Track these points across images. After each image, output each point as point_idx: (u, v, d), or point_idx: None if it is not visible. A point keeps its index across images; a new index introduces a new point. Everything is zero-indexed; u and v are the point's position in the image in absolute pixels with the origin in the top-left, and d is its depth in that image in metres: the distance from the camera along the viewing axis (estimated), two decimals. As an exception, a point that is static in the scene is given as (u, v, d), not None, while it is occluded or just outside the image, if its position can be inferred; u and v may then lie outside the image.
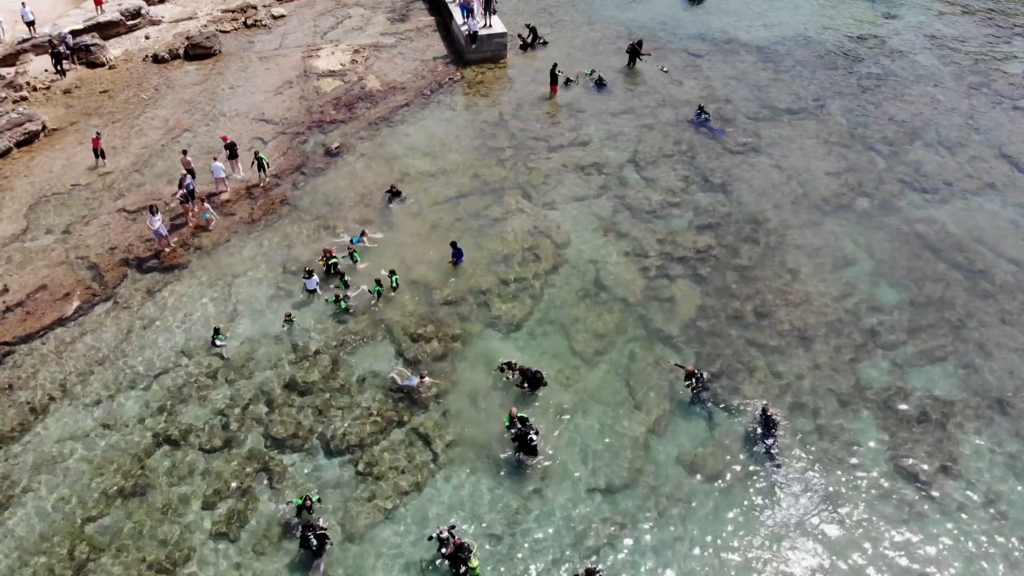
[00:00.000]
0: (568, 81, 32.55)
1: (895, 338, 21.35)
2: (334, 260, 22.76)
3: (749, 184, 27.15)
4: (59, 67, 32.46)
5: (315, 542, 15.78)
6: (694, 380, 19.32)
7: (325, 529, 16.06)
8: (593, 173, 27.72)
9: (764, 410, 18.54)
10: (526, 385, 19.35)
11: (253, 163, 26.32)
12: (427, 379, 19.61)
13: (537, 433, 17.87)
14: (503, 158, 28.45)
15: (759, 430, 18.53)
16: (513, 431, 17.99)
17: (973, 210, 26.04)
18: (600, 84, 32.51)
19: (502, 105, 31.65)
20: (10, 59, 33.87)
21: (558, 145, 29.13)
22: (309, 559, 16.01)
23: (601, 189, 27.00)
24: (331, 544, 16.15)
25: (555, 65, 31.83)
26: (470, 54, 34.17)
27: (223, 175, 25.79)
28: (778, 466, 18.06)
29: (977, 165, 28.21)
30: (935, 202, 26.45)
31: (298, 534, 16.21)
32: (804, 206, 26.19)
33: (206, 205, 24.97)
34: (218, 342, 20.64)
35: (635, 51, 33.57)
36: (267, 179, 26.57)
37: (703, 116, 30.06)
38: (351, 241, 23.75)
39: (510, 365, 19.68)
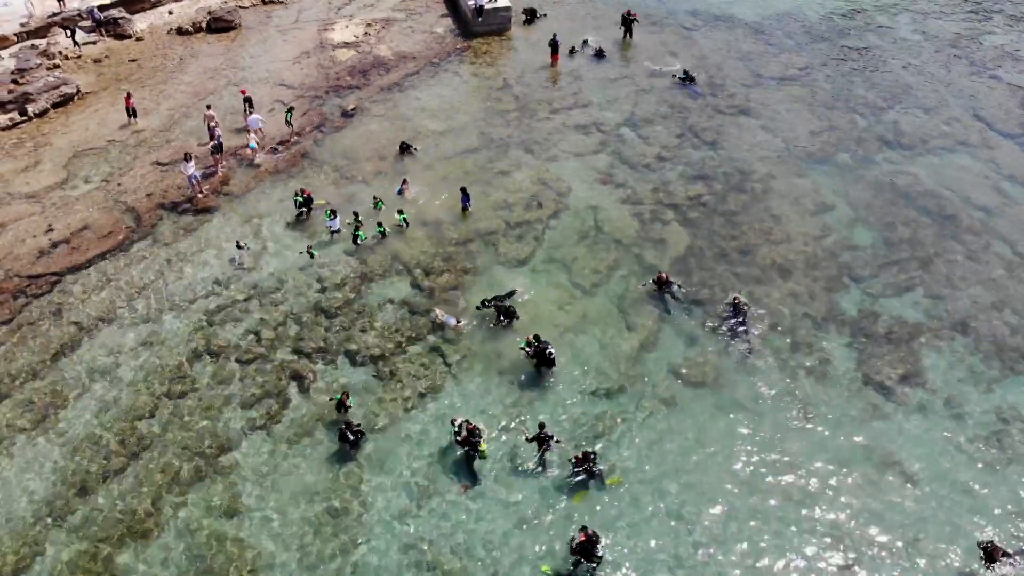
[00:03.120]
0: (572, 51, 34.59)
1: (868, 272, 23.31)
2: (299, 199, 24.69)
3: (738, 141, 29.13)
4: (74, 39, 34.38)
5: (352, 436, 17.74)
6: (664, 285, 21.82)
7: (359, 426, 18.02)
8: (592, 132, 29.73)
9: (734, 300, 21.34)
10: (503, 319, 21.15)
11: (287, 118, 28.57)
12: (462, 324, 21.23)
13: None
14: (508, 119, 30.46)
15: (732, 320, 21.03)
16: (530, 350, 19.85)
17: (946, 164, 28.00)
18: (599, 54, 34.52)
19: (507, 73, 33.66)
20: (42, 31, 35.89)
21: (559, 107, 31.14)
22: (345, 450, 18.00)
23: (600, 146, 29.00)
24: (365, 439, 18.11)
25: (555, 35, 33.83)
26: (476, 27, 36.16)
27: (260, 125, 27.90)
28: (756, 373, 20.03)
29: (952, 125, 30.16)
30: (911, 157, 28.40)
31: (333, 429, 18.20)
32: (788, 160, 28.17)
33: (252, 135, 27.18)
34: (240, 252, 23.01)
35: (628, 20, 35.55)
36: (292, 133, 28.58)
37: (686, 79, 32.08)
38: (397, 192, 25.74)
39: (486, 303, 21.43)
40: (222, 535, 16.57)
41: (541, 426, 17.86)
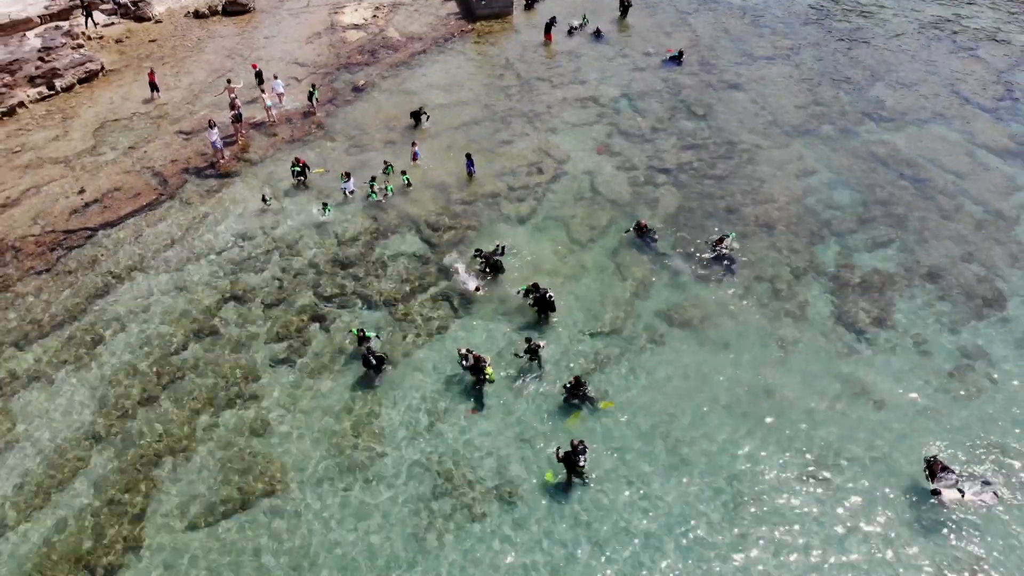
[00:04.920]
0: (571, 31, 36.34)
1: (846, 228, 24.98)
2: (296, 168, 26.35)
3: (727, 114, 30.82)
4: (92, 21, 36.05)
5: (374, 361, 19.43)
6: (644, 232, 23.81)
7: (382, 353, 19.72)
8: (590, 105, 31.43)
9: (721, 239, 23.45)
10: (488, 270, 22.70)
11: (311, 94, 30.29)
12: (483, 290, 22.51)
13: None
14: (510, 94, 32.18)
15: (718, 268, 22.99)
16: (532, 296, 21.48)
17: (923, 134, 29.68)
18: (597, 35, 36.26)
19: (508, 52, 35.38)
20: (64, 14, 37.56)
21: (559, 83, 32.86)
22: (369, 374, 19.72)
23: (597, 118, 30.70)
24: (388, 364, 19.78)
25: (552, 17, 35.69)
26: (480, 10, 37.87)
27: (281, 90, 29.72)
28: (739, 316, 21.70)
29: (931, 100, 31.86)
30: (890, 128, 30.08)
31: (352, 361, 19.93)
32: (774, 131, 29.86)
33: (266, 97, 29.45)
34: (265, 204, 25.11)
35: (624, 3, 37.26)
36: (316, 108, 30.35)
37: (677, 56, 33.92)
38: (412, 158, 27.45)
39: (478, 252, 22.96)
40: (251, 450, 18.25)
41: (528, 340, 19.78)
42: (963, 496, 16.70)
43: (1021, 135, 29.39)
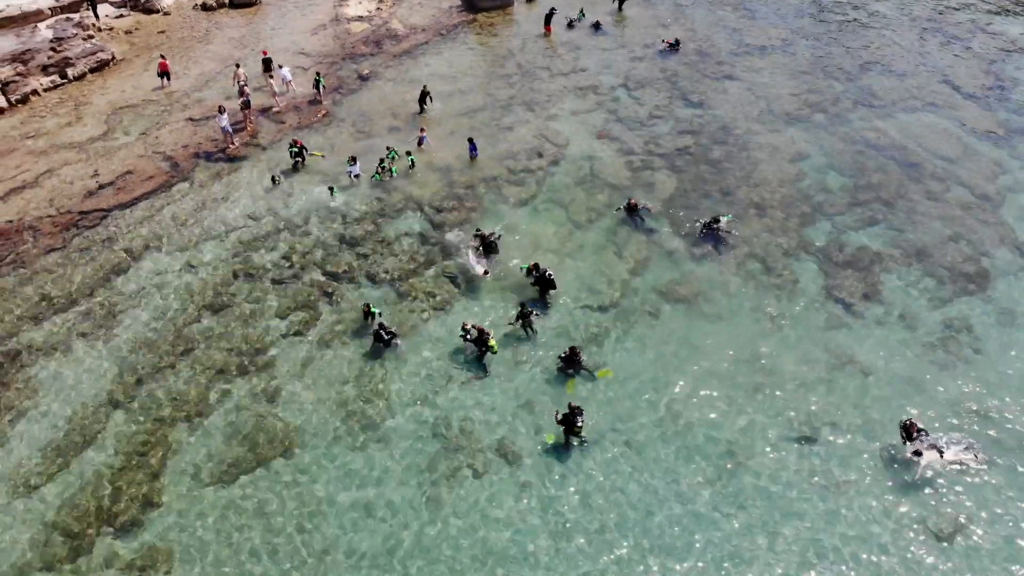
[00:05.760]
0: (571, 24, 37.16)
1: (836, 209, 25.78)
2: (294, 149, 27.13)
3: (723, 102, 31.63)
4: (95, 13, 36.82)
5: (386, 336, 20.22)
6: (634, 210, 24.67)
7: (392, 329, 20.50)
8: (589, 93, 32.24)
9: (717, 217, 24.30)
10: (480, 249, 23.39)
11: (317, 82, 31.01)
12: (489, 275, 23.08)
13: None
14: (511, 82, 32.99)
15: (712, 246, 23.88)
16: (534, 275, 22.23)
17: (913, 121, 30.49)
18: (596, 27, 37.08)
19: (510, 43, 36.20)
20: (74, 6, 38.40)
21: (559, 72, 33.68)
22: (380, 348, 20.49)
23: (596, 105, 31.51)
24: (398, 339, 20.57)
25: (552, 9, 36.52)
26: (481, 2, 38.69)
27: (290, 77, 30.49)
28: (733, 291, 22.48)
29: (922, 89, 32.67)
30: (882, 115, 30.89)
31: (360, 334, 20.76)
32: (769, 118, 30.66)
33: (273, 82, 30.77)
34: (274, 185, 26.00)
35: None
36: (323, 96, 31.13)
37: (675, 45, 34.74)
38: (418, 143, 28.25)
39: (477, 231, 23.70)
40: (263, 414, 19.03)
41: (522, 305, 20.64)
42: (942, 456, 17.46)
43: (1009, 121, 30.20)
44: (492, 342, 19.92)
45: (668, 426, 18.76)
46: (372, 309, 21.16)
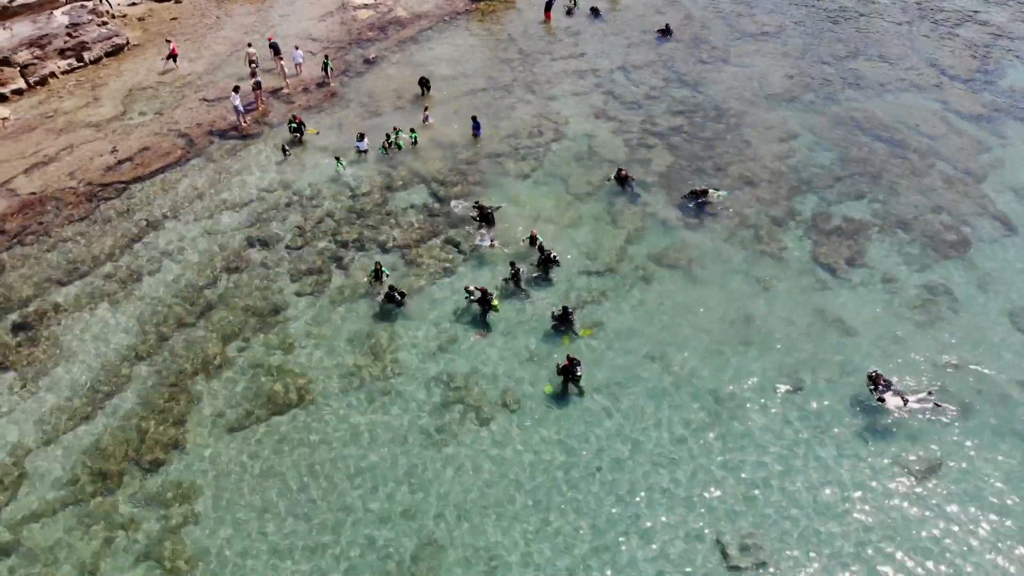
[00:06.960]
0: (569, 11, 38.32)
1: (825, 183, 26.90)
2: (293, 125, 28.43)
3: (717, 84, 32.77)
4: (109, 1, 38.04)
5: (399, 297, 21.37)
6: (624, 181, 25.92)
7: (404, 291, 21.66)
8: (588, 76, 33.39)
9: (705, 189, 25.54)
10: (476, 219, 24.49)
11: (325, 65, 32.15)
12: (496, 245, 24.04)
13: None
14: (512, 66, 34.14)
15: (704, 217, 25.03)
16: (537, 257, 23.23)
17: (900, 103, 31.60)
18: (595, 13, 38.24)
19: (510, 29, 37.35)
20: (89, -6, 39.62)
21: (559, 56, 34.83)
22: (392, 308, 21.63)
23: (595, 87, 32.65)
24: (408, 300, 21.70)
25: (551, -3, 37.87)
26: (484, -10, 39.81)
27: (301, 60, 31.65)
28: (723, 258, 23.62)
29: (910, 73, 33.78)
30: (869, 97, 32.02)
31: (370, 295, 21.92)
32: (760, 99, 31.79)
33: (284, 63, 31.63)
34: (285, 157, 27.22)
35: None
36: (331, 78, 32.26)
37: (666, 32, 36.00)
38: (423, 121, 29.43)
39: (476, 203, 24.85)
40: (279, 367, 20.18)
41: (512, 264, 21.85)
42: (906, 404, 18.60)
43: (993, 102, 31.31)
44: (495, 302, 21.06)
45: (660, 377, 19.88)
46: (383, 268, 22.29)
